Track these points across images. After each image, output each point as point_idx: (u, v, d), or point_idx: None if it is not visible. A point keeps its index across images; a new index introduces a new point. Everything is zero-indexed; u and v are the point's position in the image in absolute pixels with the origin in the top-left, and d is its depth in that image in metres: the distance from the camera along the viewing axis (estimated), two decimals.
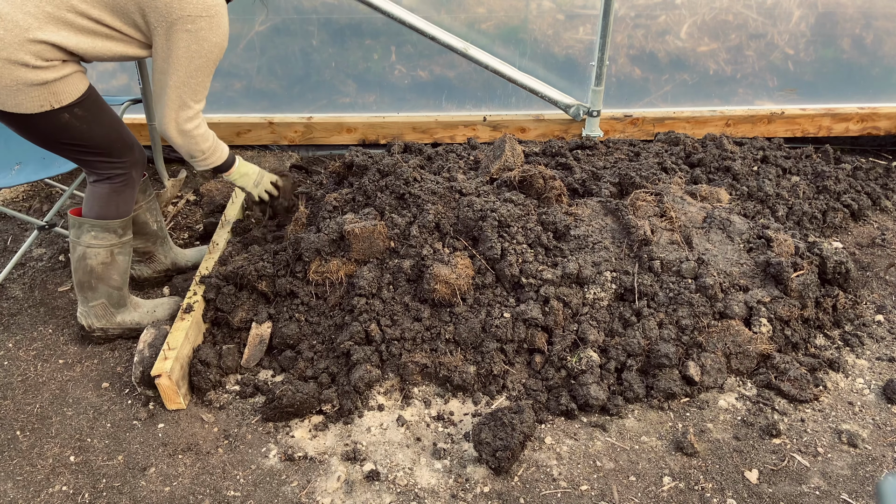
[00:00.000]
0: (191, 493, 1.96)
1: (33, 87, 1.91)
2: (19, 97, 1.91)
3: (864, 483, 1.95)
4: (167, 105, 2.09)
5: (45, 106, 1.95)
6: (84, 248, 2.30)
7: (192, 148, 2.24)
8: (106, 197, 2.25)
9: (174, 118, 2.12)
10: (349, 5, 3.29)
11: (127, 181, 2.28)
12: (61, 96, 1.97)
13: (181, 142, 2.19)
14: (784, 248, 2.51)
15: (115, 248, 2.33)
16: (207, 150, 2.30)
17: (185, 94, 2.07)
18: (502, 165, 2.83)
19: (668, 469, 2.00)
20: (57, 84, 1.95)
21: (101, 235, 2.29)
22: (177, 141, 2.19)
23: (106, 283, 2.36)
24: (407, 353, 2.28)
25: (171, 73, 2.03)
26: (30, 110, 1.94)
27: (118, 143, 2.19)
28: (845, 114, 3.59)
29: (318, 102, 3.59)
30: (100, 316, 2.42)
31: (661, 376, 2.21)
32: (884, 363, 2.36)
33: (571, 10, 3.36)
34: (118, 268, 2.37)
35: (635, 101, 3.61)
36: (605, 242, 2.53)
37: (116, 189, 2.26)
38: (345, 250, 2.45)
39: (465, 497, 1.92)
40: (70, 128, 2.04)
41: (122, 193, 2.28)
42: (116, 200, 2.27)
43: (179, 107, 2.10)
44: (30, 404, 2.27)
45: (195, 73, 2.04)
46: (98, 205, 2.26)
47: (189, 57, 2.00)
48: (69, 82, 1.98)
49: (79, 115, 2.03)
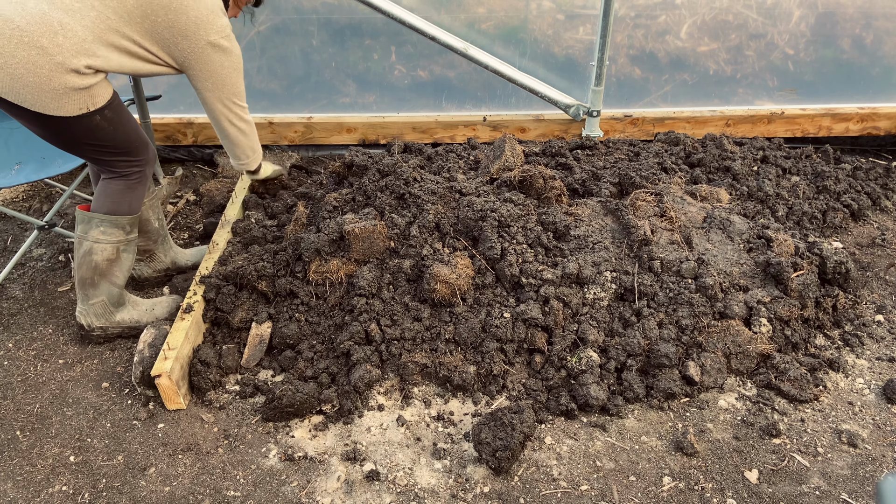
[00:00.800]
0: (191, 493, 1.96)
1: (77, 92, 2.02)
2: (63, 100, 2.01)
3: (864, 483, 1.95)
4: (224, 115, 2.42)
5: (83, 109, 2.05)
6: (91, 244, 2.32)
7: (254, 141, 2.63)
8: (120, 193, 2.31)
9: (239, 118, 2.46)
10: (349, 5, 3.29)
11: (141, 178, 2.35)
12: (97, 99, 2.08)
13: (245, 140, 2.56)
14: (784, 248, 2.51)
15: (121, 244, 2.36)
16: (258, 147, 2.69)
17: (236, 97, 2.41)
18: (502, 165, 2.83)
19: (668, 469, 2.00)
20: (94, 88, 2.06)
21: (110, 231, 2.32)
22: (241, 140, 2.55)
23: (108, 280, 2.38)
24: (407, 353, 2.28)
25: (220, 87, 2.32)
26: (70, 113, 2.04)
27: (137, 141, 2.28)
28: (845, 114, 3.59)
29: (318, 102, 3.59)
30: (99, 314, 2.43)
31: (661, 376, 2.21)
32: (884, 363, 2.36)
33: (571, 10, 3.36)
34: (122, 266, 2.39)
35: (635, 101, 3.61)
36: (605, 242, 2.53)
37: (131, 185, 2.33)
38: (345, 250, 2.45)
39: (465, 497, 1.92)
40: (100, 129, 2.14)
41: (136, 190, 2.35)
42: (130, 197, 2.33)
43: (240, 109, 2.45)
44: (30, 404, 2.27)
45: (236, 81, 2.36)
46: (111, 200, 2.31)
47: (230, 70, 2.30)
48: (102, 86, 2.10)
49: (108, 116, 2.14)
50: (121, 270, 2.40)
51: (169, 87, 3.48)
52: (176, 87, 3.49)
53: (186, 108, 3.57)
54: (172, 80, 3.46)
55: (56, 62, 1.94)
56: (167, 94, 3.43)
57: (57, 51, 1.94)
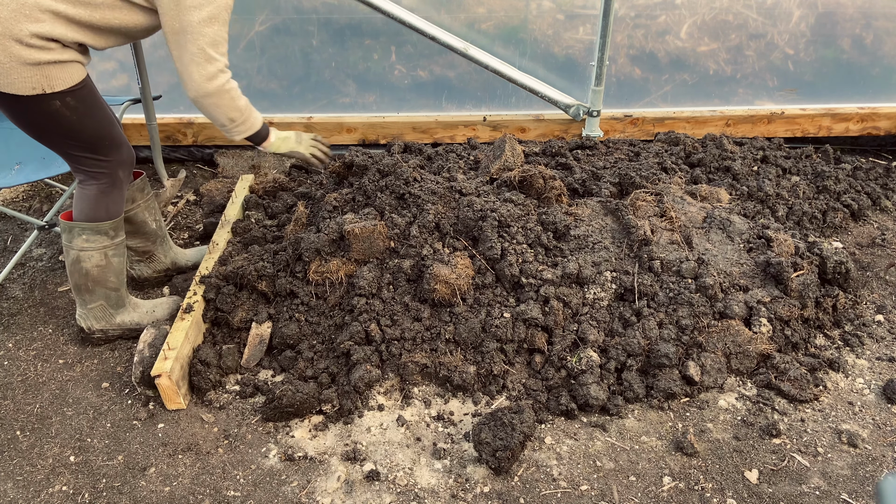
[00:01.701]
0: (191, 493, 1.96)
1: (26, 67, 1.88)
2: (12, 76, 1.88)
3: (864, 483, 1.95)
4: (192, 62, 1.99)
5: (38, 89, 1.92)
6: (77, 252, 2.28)
7: (229, 106, 2.12)
8: (94, 198, 2.24)
9: (203, 73, 2.01)
10: (349, 5, 3.29)
11: (113, 181, 2.26)
12: (54, 81, 1.94)
13: (215, 101, 2.08)
14: (784, 248, 2.51)
15: (108, 249, 2.32)
16: (245, 110, 2.19)
17: (206, 44, 1.98)
18: (502, 165, 2.83)
19: (668, 469, 2.00)
20: (51, 68, 1.92)
21: (93, 238, 2.28)
22: (210, 101, 2.08)
23: (102, 285, 2.36)
24: (407, 353, 2.28)
25: (186, 28, 1.94)
26: (21, 91, 1.91)
27: (107, 140, 2.17)
28: (845, 114, 3.59)
29: (318, 102, 3.59)
30: (99, 317, 2.42)
31: (661, 376, 2.21)
32: (884, 363, 2.36)
33: (571, 10, 3.36)
34: (113, 269, 2.36)
35: (635, 101, 3.61)
36: (605, 242, 2.53)
37: (103, 190, 2.24)
38: (345, 250, 2.46)
39: (465, 497, 1.92)
40: (60, 116, 2.01)
41: (110, 194, 2.26)
42: (105, 202, 2.26)
43: (205, 60, 1.99)
44: (30, 404, 2.27)
45: (210, 21, 1.96)
46: (87, 207, 2.25)
47: (198, 5, 1.93)
48: (65, 69, 1.95)
49: (70, 104, 2.00)
50: (114, 273, 2.36)
51: (169, 87, 3.48)
52: (176, 87, 3.49)
53: (186, 108, 3.57)
54: (173, 79, 3.46)
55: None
56: (167, 94, 3.43)
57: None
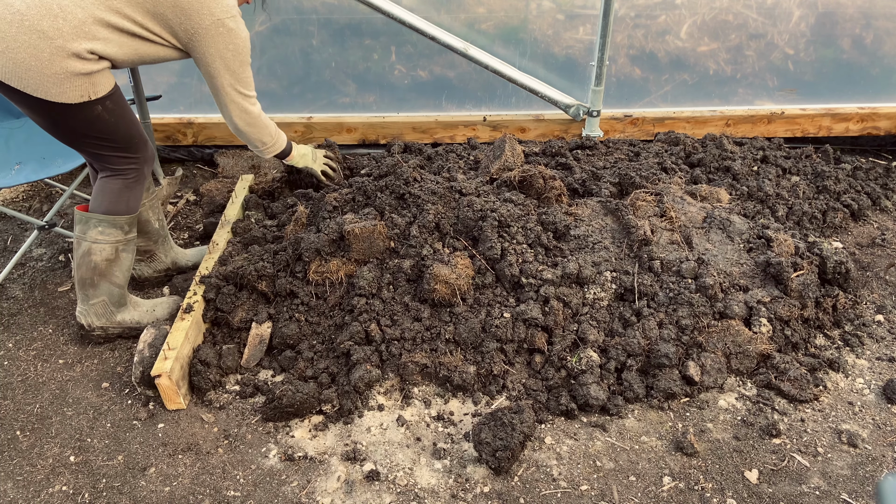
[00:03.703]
0: (191, 493, 1.96)
1: (78, 77, 2.00)
2: (65, 86, 1.99)
3: (864, 483, 1.95)
4: (232, 100, 2.31)
5: (85, 96, 2.04)
6: (90, 244, 2.31)
7: (263, 133, 2.49)
8: (118, 192, 2.30)
9: (242, 109, 2.35)
10: (349, 5, 3.29)
11: (139, 177, 2.34)
12: (98, 87, 2.07)
13: (253, 131, 2.44)
14: (784, 248, 2.51)
15: (120, 244, 2.35)
16: (275, 134, 2.57)
17: (239, 86, 2.29)
18: (502, 165, 2.83)
19: (668, 469, 2.00)
20: (96, 76, 2.05)
21: (108, 231, 2.31)
22: (249, 131, 2.43)
23: (108, 280, 2.37)
24: (407, 353, 2.28)
25: (223, 73, 2.23)
26: (72, 100, 2.02)
27: (137, 138, 2.27)
28: (845, 114, 3.59)
29: (318, 102, 3.59)
30: (100, 315, 2.42)
31: (661, 376, 2.21)
32: (884, 363, 2.36)
33: (571, 10, 3.36)
34: (122, 265, 2.38)
35: (635, 101, 3.61)
36: (605, 242, 2.53)
37: (129, 184, 2.31)
38: (345, 250, 2.45)
39: (465, 497, 1.92)
40: (100, 120, 2.13)
41: (134, 189, 2.34)
42: (127, 196, 2.32)
43: (242, 98, 2.33)
44: (30, 404, 2.27)
45: (241, 66, 2.26)
46: (108, 199, 2.29)
47: (234, 53, 2.21)
48: (105, 75, 2.09)
49: (110, 108, 2.13)
50: (120, 270, 2.39)
51: (169, 87, 3.48)
52: (176, 87, 3.49)
53: (186, 108, 3.57)
54: (173, 80, 3.46)
55: (56, 46, 1.93)
56: (167, 94, 3.43)
57: (57, 34, 1.93)
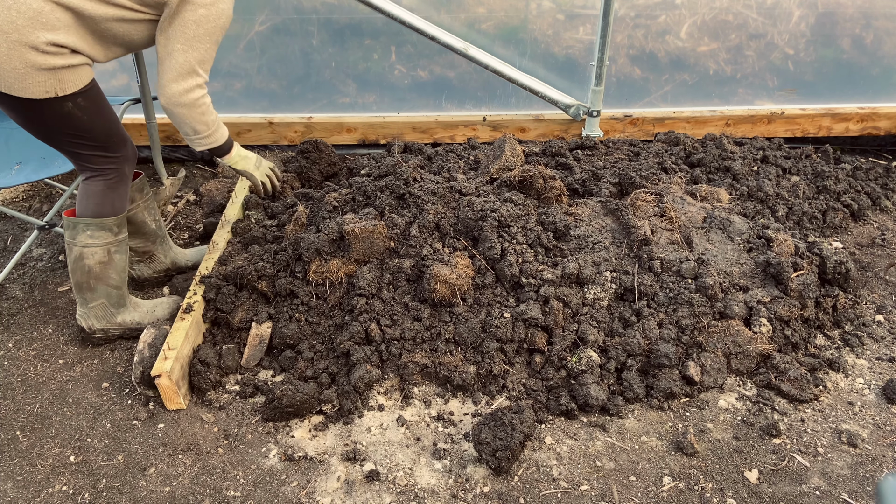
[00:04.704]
0: (191, 493, 1.96)
1: (41, 72, 1.93)
2: (27, 81, 1.93)
3: (864, 483, 1.95)
4: (173, 69, 2.07)
5: (51, 92, 1.97)
6: (81, 249, 2.29)
7: (197, 119, 2.21)
8: (101, 194, 2.26)
9: (183, 85, 2.10)
10: (349, 5, 3.29)
11: (120, 177, 2.29)
12: (66, 84, 1.99)
13: (186, 112, 2.16)
14: (784, 248, 2.51)
15: (111, 246, 2.33)
16: (212, 125, 2.27)
17: (193, 58, 2.08)
18: (502, 165, 2.83)
19: (668, 469, 2.00)
20: (63, 72, 1.97)
21: (97, 234, 2.29)
22: (181, 111, 2.15)
23: (105, 282, 2.36)
24: (407, 353, 2.28)
25: (178, 36, 2.03)
26: (35, 95, 1.96)
27: (115, 137, 2.21)
28: (845, 114, 3.59)
29: (318, 102, 3.59)
30: (100, 317, 2.42)
31: (661, 376, 2.21)
32: (884, 363, 2.36)
33: (571, 10, 3.36)
34: (116, 267, 2.37)
35: (635, 101, 3.61)
36: (605, 242, 2.53)
37: (111, 185, 2.27)
38: (345, 250, 2.45)
39: (465, 497, 1.92)
40: (72, 118, 2.06)
41: (117, 189, 2.29)
42: (112, 197, 2.28)
43: (188, 72, 2.09)
44: (30, 404, 2.27)
45: (203, 37, 2.06)
46: (93, 202, 2.26)
47: (197, 20, 2.02)
48: (76, 72, 2.00)
49: (82, 105, 2.05)
50: (115, 271, 2.37)
51: None
52: None
53: None
54: None
55: (12, 40, 1.86)
56: None
57: (11, 28, 1.85)
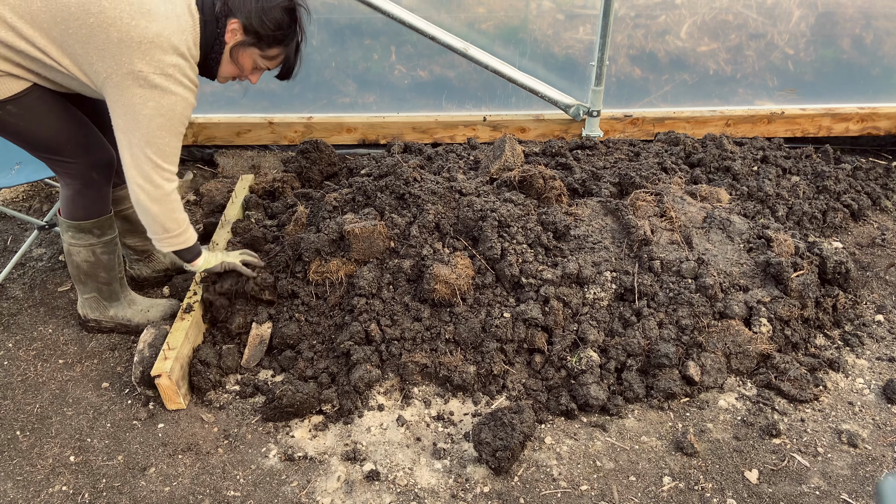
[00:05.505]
0: (191, 493, 1.96)
1: None
2: None
3: (864, 483, 1.95)
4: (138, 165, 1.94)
5: None
6: (68, 247, 2.35)
7: (167, 217, 2.06)
8: (71, 199, 2.26)
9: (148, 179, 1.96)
10: (349, 5, 3.29)
11: (85, 183, 2.22)
12: None
13: (157, 209, 2.02)
14: (784, 248, 2.51)
15: (95, 247, 2.34)
16: (182, 223, 2.13)
17: (152, 152, 1.93)
18: (502, 165, 2.83)
19: (668, 469, 2.00)
20: None
21: (78, 235, 2.31)
22: (152, 208, 2.02)
23: (94, 279, 2.41)
24: (407, 353, 2.28)
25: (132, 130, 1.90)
26: None
27: (69, 143, 2.12)
28: (845, 114, 3.59)
29: (318, 102, 3.59)
30: (93, 308, 2.48)
31: (661, 376, 2.21)
32: (884, 363, 2.36)
33: (571, 10, 3.36)
34: (103, 265, 2.39)
35: (635, 101, 3.61)
36: (605, 242, 2.53)
37: (78, 190, 2.23)
38: (345, 250, 2.45)
39: (465, 497, 1.92)
40: (5, 123, 2.02)
41: (85, 195, 2.25)
42: (81, 202, 2.26)
43: (153, 168, 1.95)
44: (30, 404, 2.27)
45: (161, 132, 1.91)
46: (67, 206, 2.28)
47: (153, 113, 1.88)
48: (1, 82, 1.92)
49: (12, 111, 1.99)
50: (104, 269, 2.40)
51: None
52: None
53: None
54: None
55: None
56: None
57: None
